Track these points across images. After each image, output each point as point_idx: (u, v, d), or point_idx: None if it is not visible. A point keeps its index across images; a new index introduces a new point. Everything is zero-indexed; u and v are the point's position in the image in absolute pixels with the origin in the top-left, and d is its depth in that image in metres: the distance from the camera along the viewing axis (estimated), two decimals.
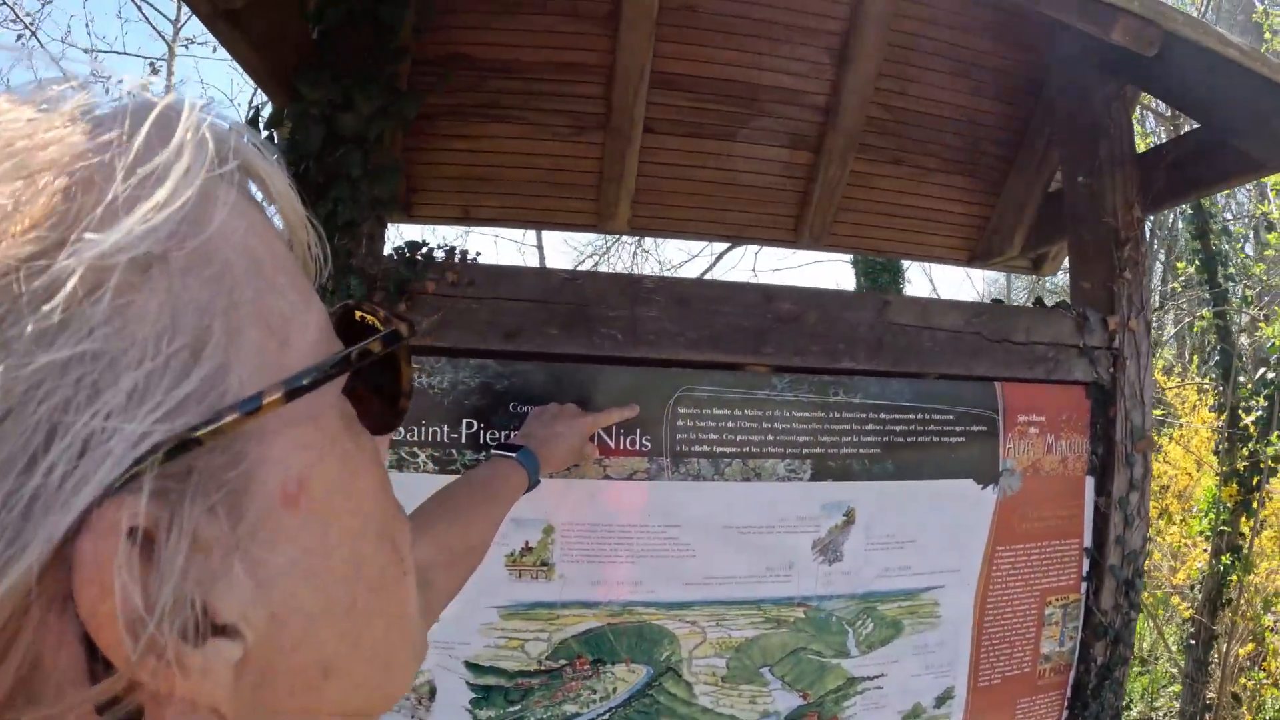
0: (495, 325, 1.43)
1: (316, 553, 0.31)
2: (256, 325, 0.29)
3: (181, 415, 0.25)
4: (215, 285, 0.27)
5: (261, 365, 0.28)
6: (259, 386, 0.28)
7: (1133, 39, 1.28)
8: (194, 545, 0.25)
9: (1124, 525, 1.76)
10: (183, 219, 0.26)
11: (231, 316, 0.28)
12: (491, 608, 1.40)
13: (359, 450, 0.34)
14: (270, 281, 0.30)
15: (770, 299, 1.54)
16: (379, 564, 0.35)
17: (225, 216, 0.29)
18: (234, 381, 0.27)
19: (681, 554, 1.44)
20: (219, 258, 0.28)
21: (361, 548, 0.34)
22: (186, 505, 0.25)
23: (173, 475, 0.25)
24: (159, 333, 0.25)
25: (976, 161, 2.46)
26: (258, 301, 0.29)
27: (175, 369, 0.25)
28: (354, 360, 0.31)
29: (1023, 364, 1.68)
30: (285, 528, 0.29)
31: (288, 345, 0.30)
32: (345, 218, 1.50)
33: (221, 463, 0.27)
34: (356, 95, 1.54)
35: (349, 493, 0.33)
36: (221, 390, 0.27)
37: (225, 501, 0.27)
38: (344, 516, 0.32)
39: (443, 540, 0.90)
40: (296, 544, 0.30)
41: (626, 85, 2.13)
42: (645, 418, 1.42)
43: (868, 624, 1.56)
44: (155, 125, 0.27)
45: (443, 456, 1.38)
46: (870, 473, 1.54)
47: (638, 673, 1.44)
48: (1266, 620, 4.38)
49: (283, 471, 0.29)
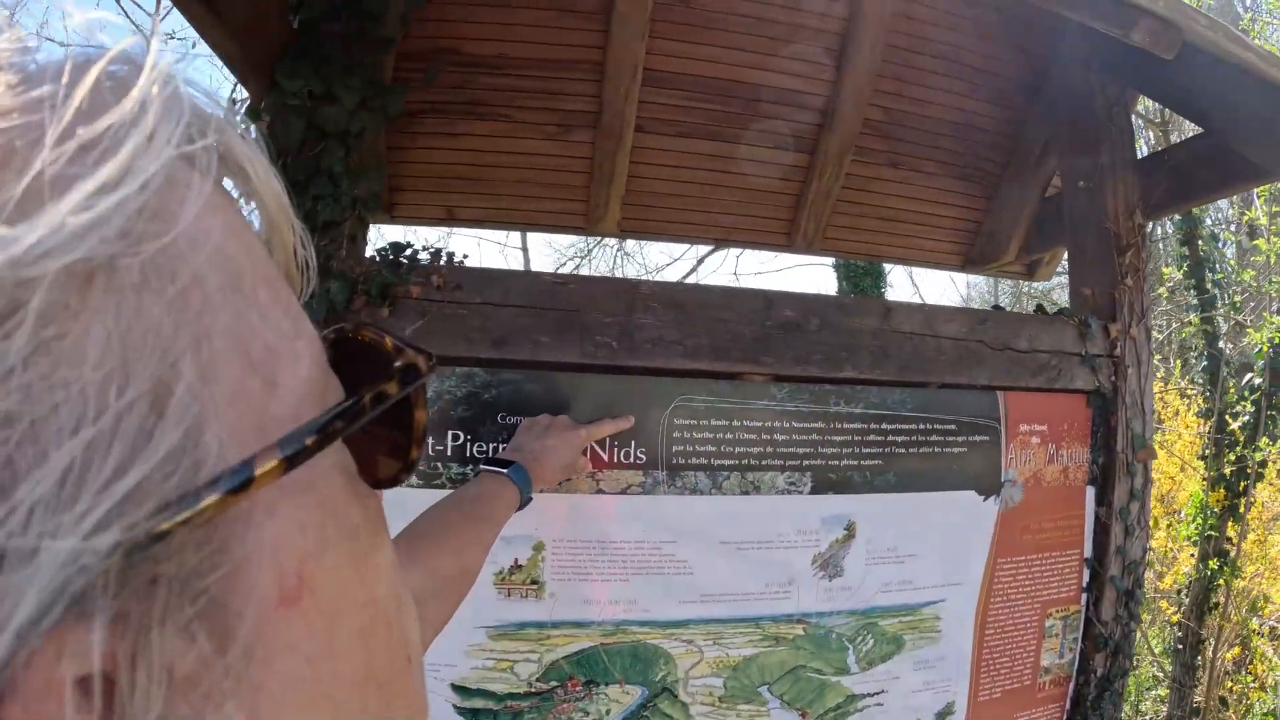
0: (483, 331, 1.37)
1: (323, 663, 0.24)
2: (236, 361, 0.22)
3: (141, 502, 0.18)
4: (183, 307, 0.20)
5: (245, 418, 0.21)
6: (246, 450, 0.21)
7: (1153, 41, 1.23)
8: (170, 685, 0.19)
9: (1124, 535, 1.73)
10: (140, 210, 0.19)
11: (204, 351, 0.20)
12: (479, 628, 1.34)
13: (366, 518, 0.27)
14: (252, 301, 0.23)
15: (771, 305, 1.49)
16: (388, 659, 0.28)
17: (198, 211, 0.21)
18: (211, 445, 0.20)
19: (677, 571, 1.40)
20: (187, 269, 0.21)
21: (374, 644, 0.27)
22: (154, 631, 0.19)
23: (133, 591, 0.18)
24: (105, 379, 0.18)
25: (972, 165, 2.43)
26: (237, 329, 0.22)
27: (129, 433, 0.18)
28: (368, 408, 0.24)
29: (1025, 372, 1.65)
30: (284, 636, 0.22)
31: (276, 387, 0.23)
32: (326, 217, 1.44)
33: (197, 564, 0.20)
34: (338, 87, 1.48)
35: (360, 578, 0.26)
36: (195, 459, 0.20)
37: (206, 617, 0.20)
38: (355, 611, 0.26)
39: (433, 567, 0.83)
40: (298, 656, 0.23)
41: (618, 83, 2.07)
42: (640, 429, 1.38)
43: (868, 640, 1.51)
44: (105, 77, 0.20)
45: (428, 470, 1.33)
46: (872, 485, 1.50)
47: (632, 694, 1.39)
48: (1253, 624, 4.39)
49: (278, 563, 0.22)
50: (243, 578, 0.21)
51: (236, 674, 0.21)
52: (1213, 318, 4.40)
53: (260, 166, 0.26)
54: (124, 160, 0.19)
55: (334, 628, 0.24)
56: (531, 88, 2.10)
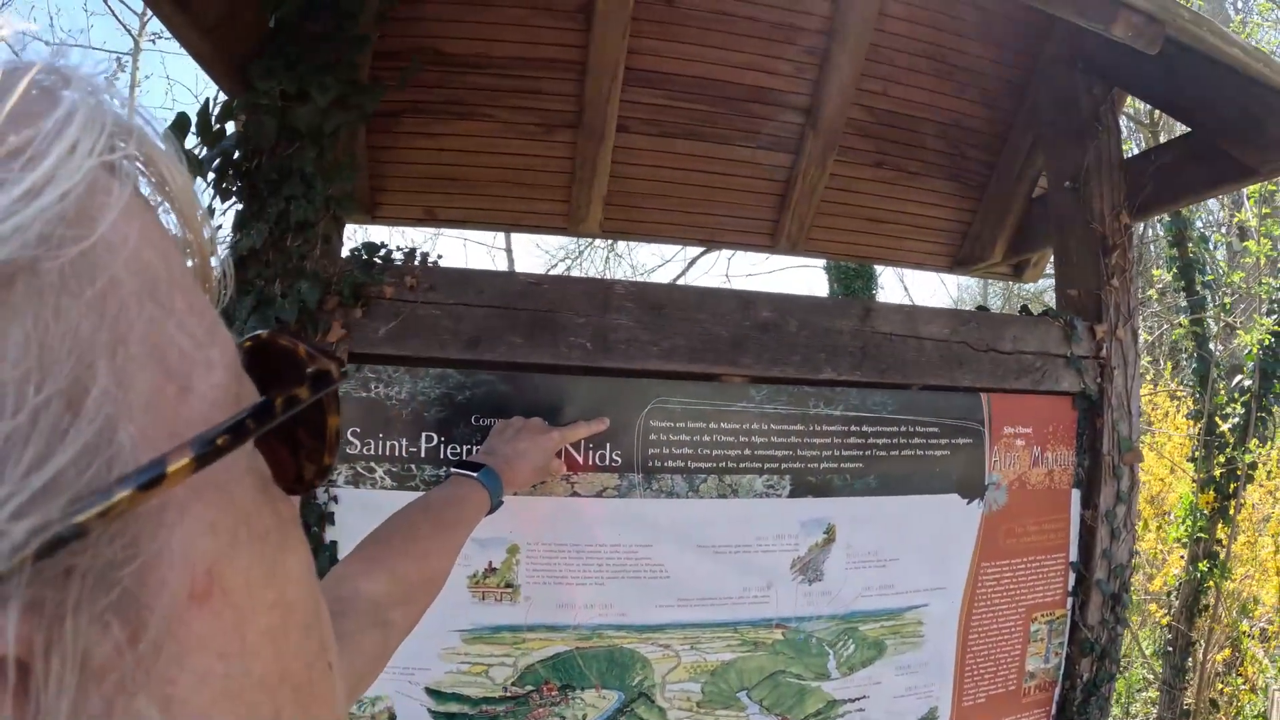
0: (456, 333, 1.35)
1: (234, 660, 0.24)
2: (151, 365, 0.22)
3: (56, 495, 0.19)
4: (99, 310, 0.21)
5: (156, 420, 0.22)
6: (158, 449, 0.21)
7: (1135, 35, 1.22)
8: (84, 673, 0.20)
9: (1111, 539, 1.72)
10: (62, 215, 0.20)
11: (120, 355, 0.21)
12: (453, 631, 1.33)
13: (278, 522, 0.28)
14: (167, 307, 0.24)
15: (748, 306, 1.47)
16: (304, 661, 0.28)
17: (115, 218, 0.22)
18: (125, 443, 0.21)
19: (654, 575, 1.38)
20: (104, 273, 0.21)
21: (285, 646, 0.27)
22: (69, 620, 0.19)
23: (48, 580, 0.19)
24: (23, 377, 0.19)
25: (959, 165, 2.42)
26: (152, 333, 0.23)
27: (45, 429, 0.19)
28: (279, 411, 0.25)
29: (1009, 374, 1.63)
30: (195, 634, 0.23)
31: (189, 391, 0.24)
32: (299, 217, 1.41)
33: (111, 556, 0.20)
34: (312, 86, 1.46)
35: (270, 579, 0.27)
36: (109, 457, 0.20)
37: (119, 609, 0.21)
38: (265, 611, 0.26)
39: (399, 573, 0.83)
40: (209, 652, 0.23)
41: (599, 82, 2.06)
42: (615, 431, 1.36)
43: (849, 645, 1.50)
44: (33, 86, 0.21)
45: (401, 472, 1.31)
46: (852, 488, 1.48)
47: (608, 699, 1.38)
48: (1243, 626, 4.39)
49: (189, 561, 0.23)
50: (154, 573, 0.22)
51: (147, 666, 0.21)
52: (1202, 319, 4.41)
53: (179, 176, 0.27)
54: (49, 167, 0.20)
55: (244, 626, 0.25)
56: (512, 87, 2.08)
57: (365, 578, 0.79)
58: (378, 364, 1.32)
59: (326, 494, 1.30)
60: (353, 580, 0.78)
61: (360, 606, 0.75)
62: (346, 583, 0.78)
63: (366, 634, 0.72)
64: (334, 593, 0.75)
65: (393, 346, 1.34)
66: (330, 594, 0.75)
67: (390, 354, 1.34)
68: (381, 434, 1.31)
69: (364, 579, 0.78)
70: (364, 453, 1.31)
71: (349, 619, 0.72)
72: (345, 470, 1.30)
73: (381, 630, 0.74)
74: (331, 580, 0.79)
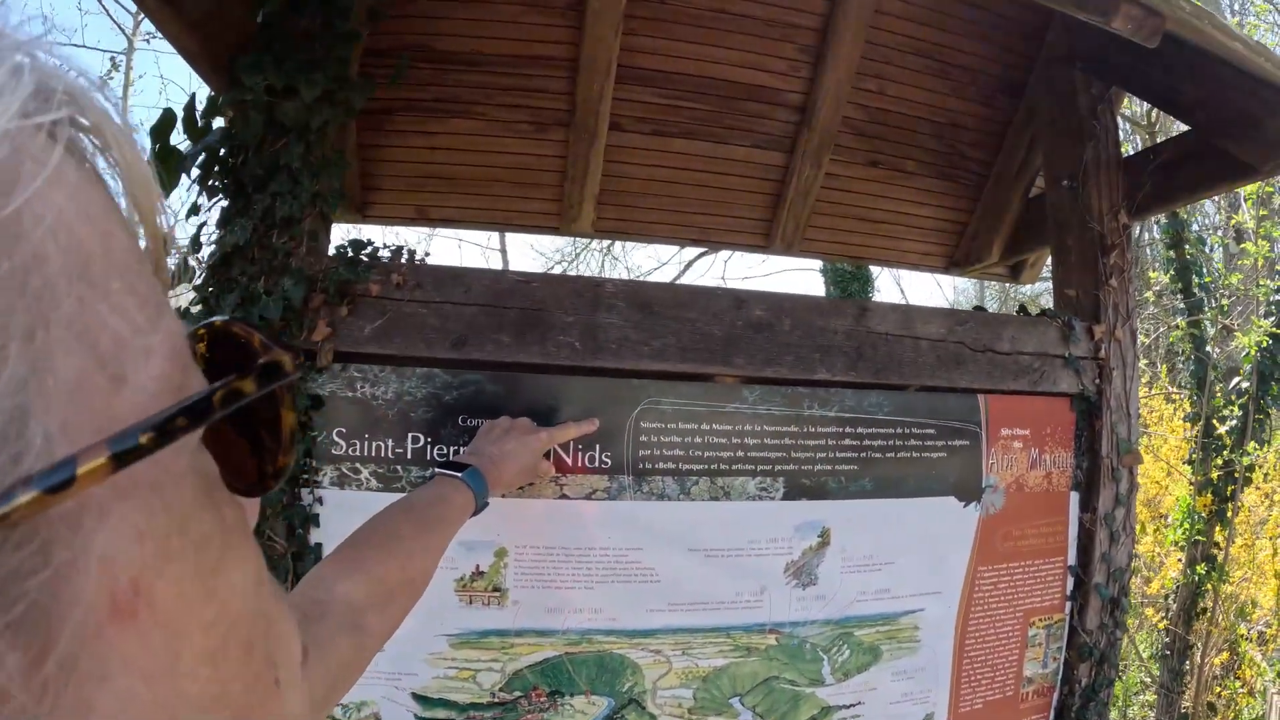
0: (443, 331, 1.33)
1: (162, 682, 0.22)
2: (77, 351, 0.20)
3: None
4: (17, 287, 0.19)
5: (81, 412, 0.20)
6: (73, 446, 0.19)
7: (1134, 28, 1.20)
8: None
9: (1109, 542, 1.70)
10: None
11: (39, 338, 0.19)
12: (440, 636, 1.31)
13: (222, 529, 0.25)
14: (101, 288, 0.21)
15: (741, 305, 1.45)
16: (244, 683, 0.26)
17: (41, 186, 0.20)
18: (35, 438, 0.19)
19: (645, 579, 1.36)
20: (25, 246, 0.19)
21: (224, 666, 0.25)
22: None
23: None
24: None
25: (955, 165, 2.40)
26: (81, 316, 0.20)
27: None
28: (217, 406, 0.23)
29: (1007, 375, 1.61)
30: (119, 652, 0.21)
31: (122, 382, 0.21)
32: (284, 213, 1.39)
33: (16, 565, 0.18)
34: (299, 81, 1.43)
35: (208, 593, 0.24)
36: (14, 453, 0.18)
37: (25, 623, 0.18)
38: (201, 629, 0.24)
39: (377, 575, 0.81)
40: (133, 674, 0.21)
41: (591, 80, 2.03)
42: (605, 432, 1.34)
43: (844, 650, 1.47)
44: None
45: (387, 473, 1.29)
46: (847, 491, 1.46)
47: (598, 705, 1.36)
48: (1241, 630, 4.37)
49: (110, 572, 0.20)
50: (67, 585, 0.19)
51: (55, 692, 0.19)
52: (1200, 321, 4.39)
53: (128, 148, 0.24)
54: None
55: (177, 646, 0.23)
56: (504, 85, 2.06)
57: (343, 580, 0.77)
58: (364, 363, 1.30)
59: (311, 495, 1.28)
60: (330, 582, 0.76)
61: (336, 610, 0.72)
62: (323, 585, 0.76)
63: (341, 638, 0.69)
64: (310, 595, 0.73)
65: (379, 345, 1.31)
66: (306, 596, 0.73)
67: (376, 353, 1.31)
68: (367, 434, 1.29)
69: (342, 581, 0.76)
70: (349, 453, 1.29)
71: (323, 623, 0.69)
72: (331, 471, 1.28)
73: (357, 635, 0.72)
74: (308, 582, 0.77)
